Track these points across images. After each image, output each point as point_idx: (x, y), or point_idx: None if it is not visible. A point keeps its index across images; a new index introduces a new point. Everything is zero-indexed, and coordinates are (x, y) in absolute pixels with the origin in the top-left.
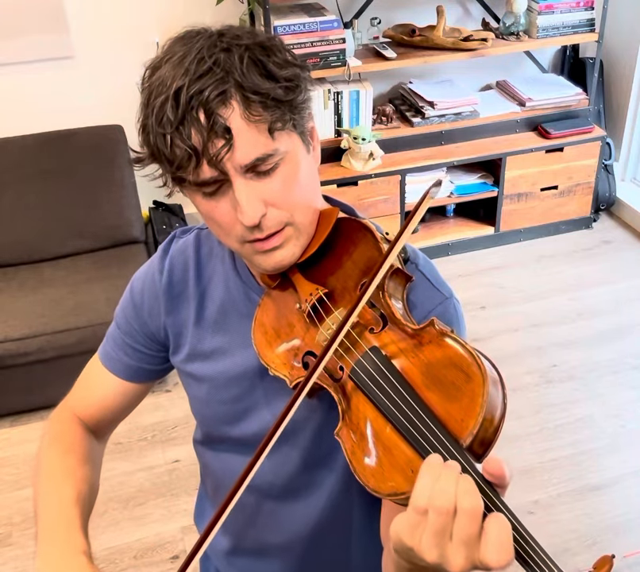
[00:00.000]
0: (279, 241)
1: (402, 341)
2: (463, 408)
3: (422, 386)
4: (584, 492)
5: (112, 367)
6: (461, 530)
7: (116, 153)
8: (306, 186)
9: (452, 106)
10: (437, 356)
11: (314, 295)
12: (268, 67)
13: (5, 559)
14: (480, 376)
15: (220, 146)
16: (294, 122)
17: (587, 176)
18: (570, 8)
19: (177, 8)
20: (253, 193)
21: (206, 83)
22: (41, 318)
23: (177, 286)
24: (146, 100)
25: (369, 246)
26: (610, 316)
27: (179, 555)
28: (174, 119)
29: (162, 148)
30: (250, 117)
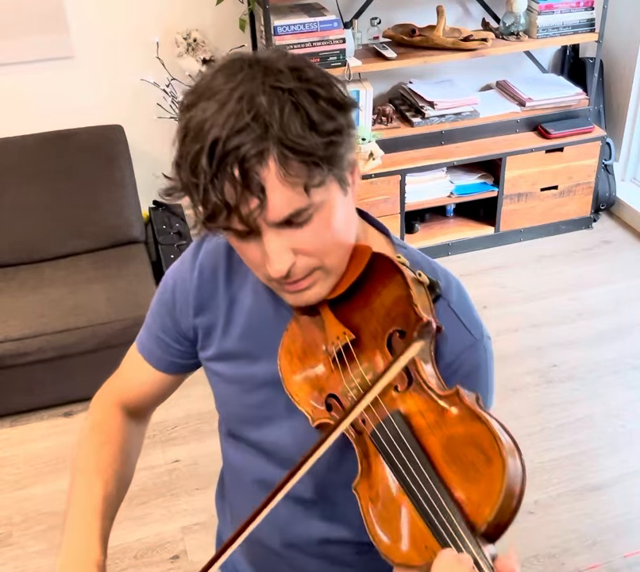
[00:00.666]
0: (307, 284)
1: (426, 406)
2: (481, 493)
3: (442, 462)
4: (584, 492)
5: (147, 357)
6: None
7: (116, 153)
8: (339, 230)
9: (452, 106)
10: (460, 431)
11: (340, 340)
12: (312, 116)
13: (5, 559)
14: (499, 462)
15: (253, 206)
16: (332, 175)
17: (587, 176)
18: (570, 8)
19: (177, 8)
20: (283, 243)
21: (244, 140)
22: (41, 318)
23: (207, 288)
24: (182, 137)
25: (398, 290)
26: (610, 316)
27: (179, 555)
28: (208, 171)
29: (194, 193)
30: (287, 176)
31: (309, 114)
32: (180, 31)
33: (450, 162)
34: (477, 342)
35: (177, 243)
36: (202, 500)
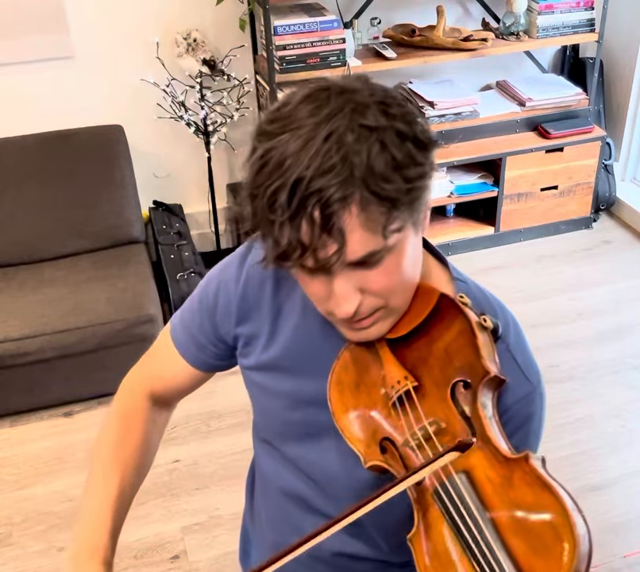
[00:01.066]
0: (368, 323)
1: (492, 469)
2: (548, 568)
3: (508, 529)
4: (584, 492)
5: (183, 352)
6: None
7: (116, 153)
8: (408, 272)
9: (452, 106)
10: (528, 500)
11: (401, 385)
12: (398, 159)
13: (5, 559)
14: (571, 541)
15: (331, 251)
16: (411, 219)
17: (587, 176)
18: (570, 8)
19: (177, 8)
20: (352, 283)
21: (330, 183)
22: (41, 318)
23: (252, 298)
24: (259, 167)
25: (464, 338)
26: (610, 316)
27: (179, 555)
28: (287, 208)
29: (267, 231)
30: (367, 221)
31: (394, 157)
32: (180, 31)
33: (450, 162)
34: (534, 389)
35: (177, 243)
36: (202, 500)
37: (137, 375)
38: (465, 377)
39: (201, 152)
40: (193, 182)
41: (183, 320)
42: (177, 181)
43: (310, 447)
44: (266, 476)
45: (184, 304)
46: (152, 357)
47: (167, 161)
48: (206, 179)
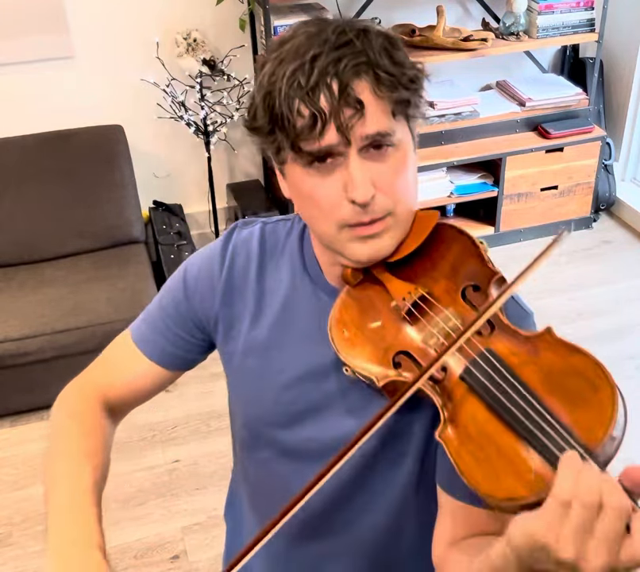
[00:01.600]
0: (380, 228)
1: (516, 346)
2: (591, 417)
3: (544, 393)
4: None
5: (147, 350)
6: (607, 526)
7: (116, 153)
8: (411, 179)
9: (452, 106)
10: (558, 364)
11: (413, 294)
12: (396, 57)
13: (5, 559)
14: (609, 387)
15: (350, 114)
16: (411, 114)
17: (587, 176)
18: (570, 8)
19: (177, 8)
20: (367, 172)
21: (345, 53)
22: (41, 318)
23: (237, 279)
24: (274, 67)
25: (468, 250)
26: (610, 316)
27: (179, 555)
28: (305, 85)
29: (287, 112)
30: (379, 94)
31: (393, 56)
32: (180, 31)
33: (450, 162)
34: (529, 316)
35: (177, 243)
36: (202, 500)
37: (88, 380)
38: (474, 282)
39: (201, 152)
40: (193, 182)
41: (149, 320)
42: (177, 181)
43: (304, 425)
44: (258, 483)
45: (147, 308)
46: (106, 360)
47: (167, 161)
48: (206, 179)
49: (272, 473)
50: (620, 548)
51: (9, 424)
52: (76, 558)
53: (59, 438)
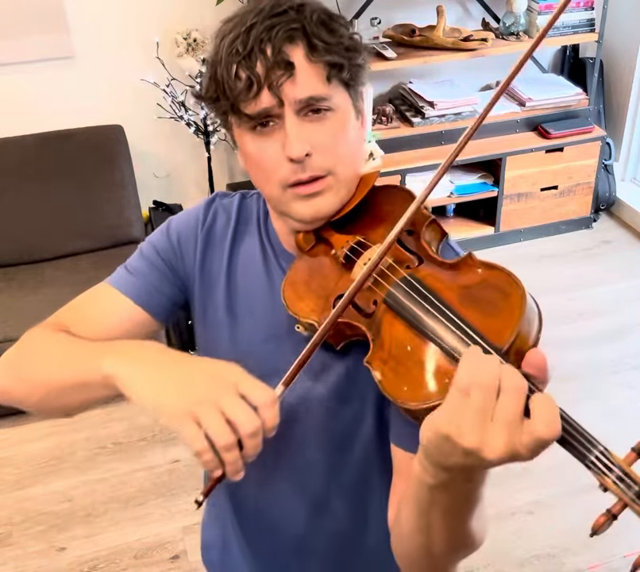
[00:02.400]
0: (321, 187)
1: (439, 272)
2: (502, 320)
3: (461, 307)
4: (583, 492)
5: (132, 293)
6: (505, 409)
7: (116, 153)
8: (350, 144)
9: (452, 106)
10: (475, 280)
11: (350, 241)
12: (334, 28)
13: (5, 559)
14: (518, 291)
15: (279, 74)
16: (349, 79)
17: (587, 176)
18: (570, 8)
19: (177, 8)
20: (302, 131)
21: (278, 21)
22: (41, 319)
23: (216, 235)
24: (218, 42)
25: (407, 201)
26: (610, 316)
27: (179, 555)
28: (242, 50)
29: (226, 78)
30: (312, 58)
31: (332, 28)
32: (180, 31)
33: None
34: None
35: None
36: None
37: (53, 325)
38: (409, 228)
39: (201, 152)
40: (193, 182)
41: (130, 264)
42: (177, 181)
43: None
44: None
45: (125, 262)
46: (77, 308)
47: (167, 161)
48: (206, 179)
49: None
50: (521, 431)
51: (9, 424)
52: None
53: (42, 339)
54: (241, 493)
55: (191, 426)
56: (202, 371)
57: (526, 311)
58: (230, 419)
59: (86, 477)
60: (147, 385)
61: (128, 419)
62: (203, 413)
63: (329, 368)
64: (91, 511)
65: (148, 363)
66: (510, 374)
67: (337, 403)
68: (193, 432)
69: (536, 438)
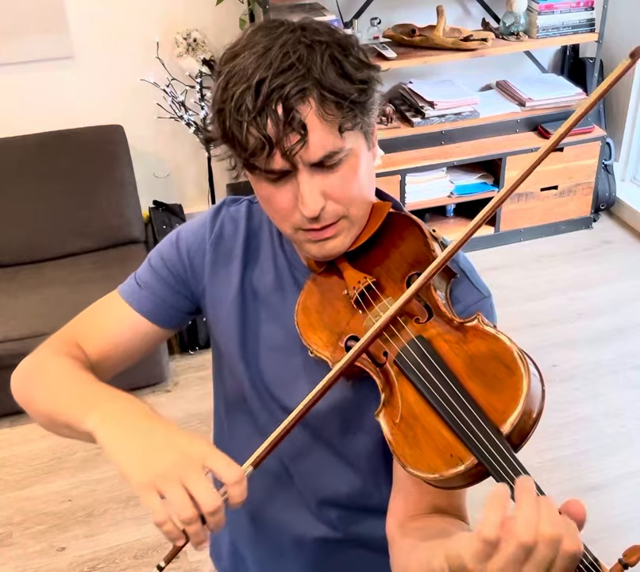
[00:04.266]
0: (333, 233)
1: (447, 332)
2: (505, 400)
3: (465, 376)
4: (583, 492)
5: (139, 305)
6: (542, 558)
7: (116, 153)
8: (364, 181)
9: (452, 106)
10: (481, 349)
11: (362, 283)
12: (345, 67)
13: (6, 559)
14: (521, 372)
15: (295, 141)
16: (362, 123)
17: (587, 176)
18: (570, 8)
19: (177, 8)
20: (316, 186)
21: (289, 79)
22: (41, 318)
23: (224, 246)
24: (224, 84)
25: (418, 241)
26: (610, 316)
27: (179, 555)
28: (252, 109)
29: (237, 134)
30: (325, 116)
31: (343, 67)
32: (180, 31)
33: (450, 162)
34: (485, 299)
35: None
36: None
37: (64, 337)
38: (419, 270)
39: (201, 152)
40: (193, 182)
41: (139, 276)
42: (177, 181)
43: (273, 398)
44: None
45: (134, 273)
46: (88, 318)
47: (167, 161)
48: (206, 179)
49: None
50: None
51: (9, 424)
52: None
53: (48, 363)
54: (261, 514)
55: (155, 497)
56: (173, 444)
57: (530, 393)
58: (193, 496)
59: (86, 477)
60: (120, 452)
61: None
62: (167, 487)
63: (340, 394)
64: (91, 511)
65: (127, 429)
66: (549, 523)
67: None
68: (156, 504)
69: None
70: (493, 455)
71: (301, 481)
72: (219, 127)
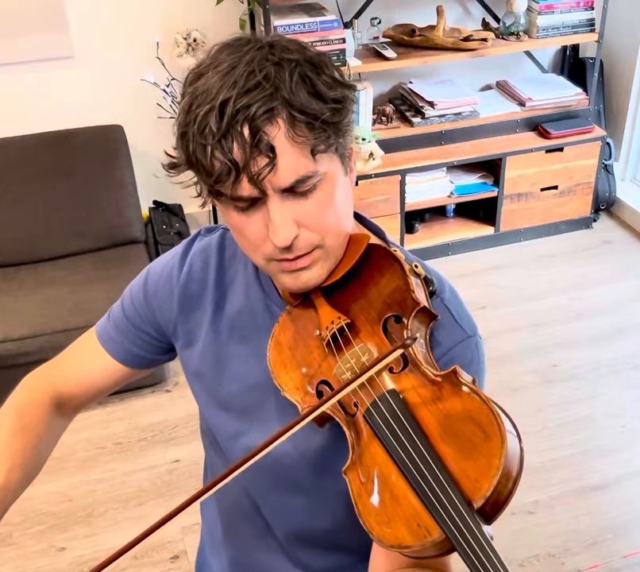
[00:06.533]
0: (307, 263)
1: (422, 386)
2: (478, 468)
3: (438, 438)
4: (584, 492)
5: (110, 348)
6: None
7: (116, 153)
8: (340, 209)
9: (452, 106)
10: (457, 408)
11: (335, 324)
12: (317, 86)
13: (6, 559)
14: (499, 437)
15: (262, 165)
16: (336, 145)
17: (587, 176)
18: (570, 8)
19: (177, 8)
20: (288, 213)
21: (254, 98)
22: (41, 318)
23: (194, 285)
24: (187, 106)
25: (396, 278)
26: (610, 316)
27: (179, 555)
28: (217, 131)
29: (201, 158)
30: (295, 138)
31: (314, 85)
32: (180, 31)
33: (450, 162)
34: (470, 338)
35: (177, 243)
36: None
37: (44, 374)
38: (397, 312)
39: None
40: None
41: (112, 318)
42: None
43: (251, 435)
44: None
45: (112, 306)
46: (68, 358)
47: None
48: None
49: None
50: None
51: None
52: None
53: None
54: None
55: None
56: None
57: (507, 459)
58: None
59: (86, 477)
60: None
61: (128, 419)
62: None
63: (311, 438)
64: (91, 511)
65: None
66: None
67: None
68: None
69: None
70: (461, 531)
71: (272, 518)
72: (183, 152)
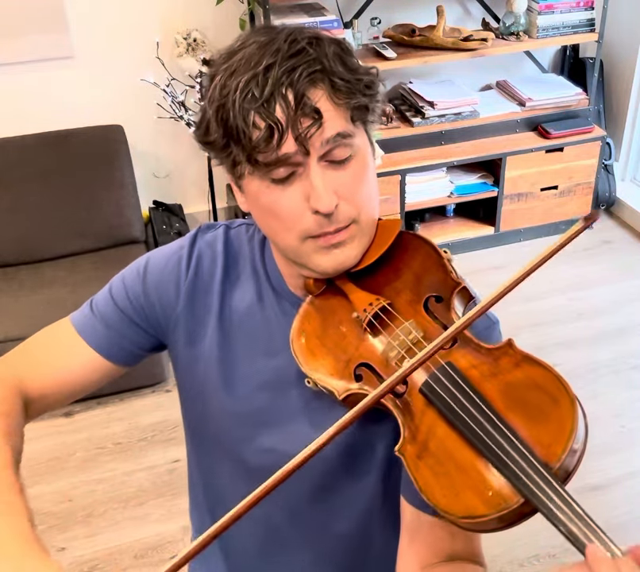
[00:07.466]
0: (345, 237)
1: (477, 359)
2: (550, 433)
3: (503, 406)
4: (584, 492)
5: (95, 342)
6: None
7: (116, 153)
8: (372, 187)
9: (452, 106)
10: (519, 378)
11: (375, 305)
12: (349, 62)
13: None
14: (568, 400)
15: (308, 124)
16: (369, 120)
17: (587, 176)
18: (570, 8)
19: (177, 8)
20: (328, 181)
21: (299, 62)
22: (41, 319)
23: (203, 278)
24: (224, 80)
25: (432, 260)
26: (610, 316)
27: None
28: (260, 95)
29: (242, 125)
30: (336, 100)
31: (347, 63)
32: (180, 31)
33: (450, 162)
34: (494, 325)
35: None
36: None
37: (9, 368)
38: (437, 292)
39: (201, 152)
40: (193, 182)
41: (96, 305)
42: (177, 181)
43: (266, 436)
44: (217, 497)
45: (92, 299)
46: (36, 350)
47: (167, 161)
48: (206, 179)
49: (227, 485)
50: None
51: None
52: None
53: None
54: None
55: None
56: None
57: (579, 423)
58: None
59: (86, 477)
60: None
61: (128, 419)
62: None
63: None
64: (91, 511)
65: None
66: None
67: (345, 465)
68: None
69: None
70: (546, 493)
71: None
72: (219, 125)
